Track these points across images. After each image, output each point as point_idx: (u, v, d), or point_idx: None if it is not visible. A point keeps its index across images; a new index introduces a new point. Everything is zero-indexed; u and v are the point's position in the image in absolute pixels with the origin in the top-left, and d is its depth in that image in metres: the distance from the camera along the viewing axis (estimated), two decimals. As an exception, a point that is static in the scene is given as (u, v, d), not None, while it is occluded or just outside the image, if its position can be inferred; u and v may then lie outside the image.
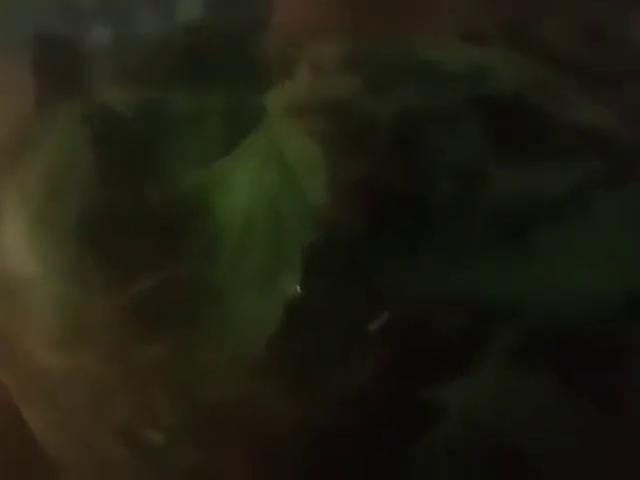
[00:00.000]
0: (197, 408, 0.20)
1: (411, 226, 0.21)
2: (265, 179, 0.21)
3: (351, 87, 0.24)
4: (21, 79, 0.28)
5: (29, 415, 0.24)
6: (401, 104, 0.24)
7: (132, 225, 0.22)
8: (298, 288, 0.20)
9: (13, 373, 0.23)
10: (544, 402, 0.20)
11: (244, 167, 0.22)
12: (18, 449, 0.28)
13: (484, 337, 0.20)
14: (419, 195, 0.22)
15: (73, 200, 0.23)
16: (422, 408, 0.19)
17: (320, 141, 0.22)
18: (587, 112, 0.24)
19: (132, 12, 0.33)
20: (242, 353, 0.20)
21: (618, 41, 0.27)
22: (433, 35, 0.27)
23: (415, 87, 0.24)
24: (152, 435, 0.20)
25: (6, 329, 0.22)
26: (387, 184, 0.22)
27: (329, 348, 0.20)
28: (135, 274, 0.21)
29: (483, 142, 0.23)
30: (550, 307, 0.20)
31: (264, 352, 0.20)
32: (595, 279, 0.20)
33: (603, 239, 0.20)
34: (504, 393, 0.20)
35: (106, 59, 0.31)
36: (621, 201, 0.21)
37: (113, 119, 0.25)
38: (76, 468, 0.23)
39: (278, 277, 0.20)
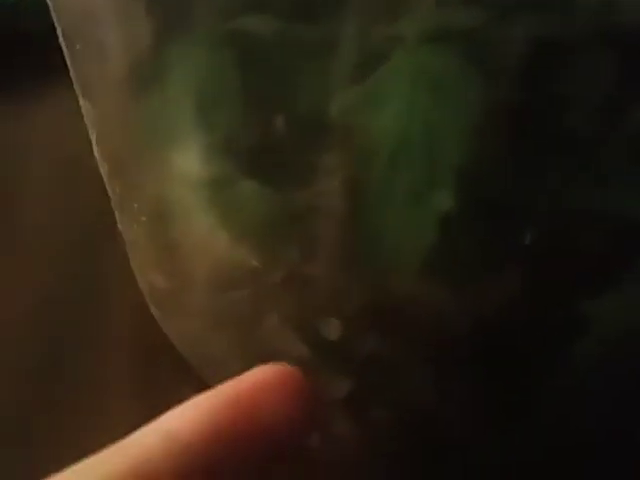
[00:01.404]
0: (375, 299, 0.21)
1: (554, 148, 0.22)
2: (417, 99, 0.22)
3: (475, 18, 0.25)
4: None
5: (175, 321, 0.26)
6: (529, 35, 0.24)
7: (283, 144, 0.23)
8: (451, 204, 0.21)
9: (176, 275, 0.24)
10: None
11: (393, 89, 0.22)
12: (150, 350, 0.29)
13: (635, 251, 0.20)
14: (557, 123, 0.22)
15: (218, 127, 0.24)
16: (573, 318, 0.20)
17: (465, 62, 0.22)
18: None
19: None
20: (400, 259, 0.21)
21: None
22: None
23: (542, 17, 0.25)
24: (329, 328, 0.21)
25: (182, 233, 0.23)
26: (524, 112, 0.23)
27: (481, 259, 0.21)
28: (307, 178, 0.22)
29: (615, 75, 0.23)
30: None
31: (421, 260, 0.21)
32: None
33: None
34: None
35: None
36: None
37: (252, 42, 0.25)
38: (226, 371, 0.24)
39: (431, 194, 0.21)
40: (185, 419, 0.19)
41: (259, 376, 0.20)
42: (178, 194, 0.24)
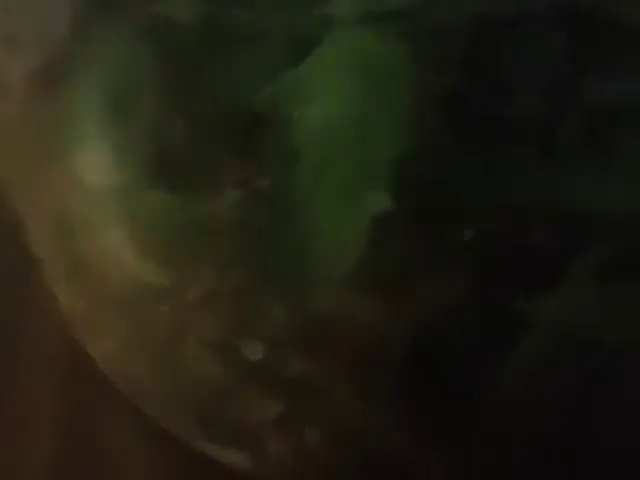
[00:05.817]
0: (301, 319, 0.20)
1: (497, 138, 0.20)
2: (347, 87, 0.20)
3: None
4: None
5: (94, 342, 0.24)
6: (475, 11, 0.22)
7: (204, 138, 0.21)
8: (387, 203, 0.19)
9: (87, 293, 0.22)
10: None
11: (322, 76, 0.20)
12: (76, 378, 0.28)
13: (577, 249, 0.19)
14: (502, 109, 0.21)
15: (138, 120, 0.22)
16: (512, 321, 0.19)
17: (402, 47, 0.20)
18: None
19: None
20: (328, 270, 0.19)
21: None
22: None
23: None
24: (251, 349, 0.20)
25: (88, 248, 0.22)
26: (466, 97, 0.21)
27: (418, 262, 0.19)
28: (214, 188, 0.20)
29: (567, 53, 0.21)
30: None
31: (352, 269, 0.19)
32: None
33: None
34: (598, 305, 0.19)
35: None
36: None
37: (176, 33, 0.23)
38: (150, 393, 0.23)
39: (364, 192, 0.19)
40: None
41: None
42: (82, 206, 0.22)
